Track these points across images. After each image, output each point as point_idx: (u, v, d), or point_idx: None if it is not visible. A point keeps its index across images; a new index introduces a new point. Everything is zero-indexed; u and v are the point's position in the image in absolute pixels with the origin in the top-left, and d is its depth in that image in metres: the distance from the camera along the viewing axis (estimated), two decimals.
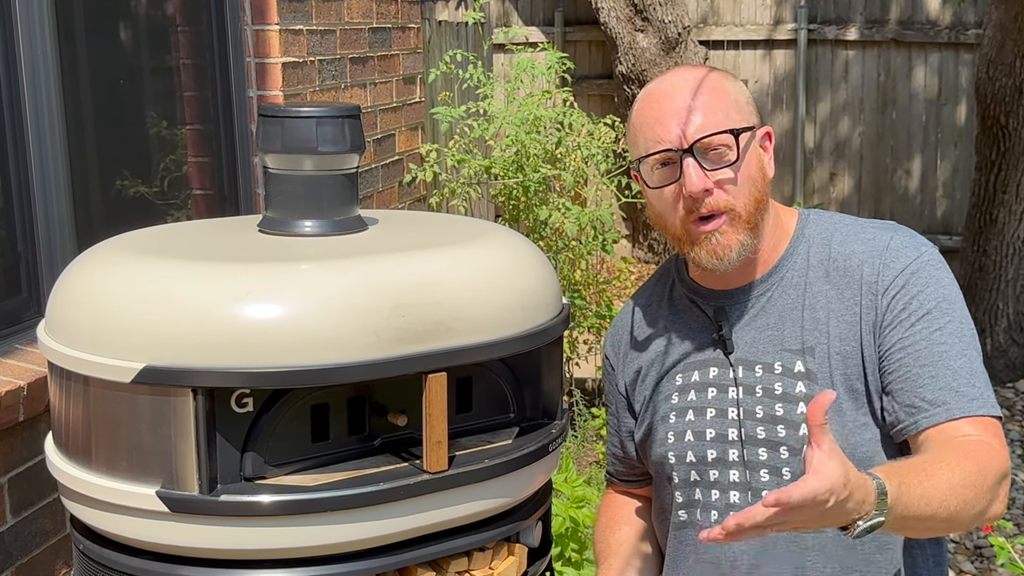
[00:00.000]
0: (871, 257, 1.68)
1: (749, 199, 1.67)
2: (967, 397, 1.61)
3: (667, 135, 1.65)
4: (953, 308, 1.65)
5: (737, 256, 1.67)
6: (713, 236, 1.66)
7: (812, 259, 1.72)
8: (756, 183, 1.68)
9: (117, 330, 1.37)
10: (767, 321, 1.72)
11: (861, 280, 1.67)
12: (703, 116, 1.65)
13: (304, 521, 1.37)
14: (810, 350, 1.67)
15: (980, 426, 1.60)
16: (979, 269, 5.71)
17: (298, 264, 1.43)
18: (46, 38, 2.70)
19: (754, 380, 1.70)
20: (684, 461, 1.76)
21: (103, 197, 3.08)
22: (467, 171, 4.75)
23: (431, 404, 1.40)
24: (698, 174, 1.64)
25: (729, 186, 1.65)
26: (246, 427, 1.38)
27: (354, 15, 4.12)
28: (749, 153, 1.67)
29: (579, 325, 4.75)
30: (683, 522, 1.77)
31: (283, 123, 1.53)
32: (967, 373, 1.62)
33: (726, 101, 1.67)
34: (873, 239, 1.70)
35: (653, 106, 1.69)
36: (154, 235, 1.64)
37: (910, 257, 1.67)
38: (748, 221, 1.67)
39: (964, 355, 1.63)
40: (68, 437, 1.46)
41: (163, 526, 1.38)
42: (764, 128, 1.72)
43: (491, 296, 1.47)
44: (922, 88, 7.39)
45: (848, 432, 1.64)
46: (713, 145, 1.64)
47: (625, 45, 7.14)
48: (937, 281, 1.66)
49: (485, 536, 1.50)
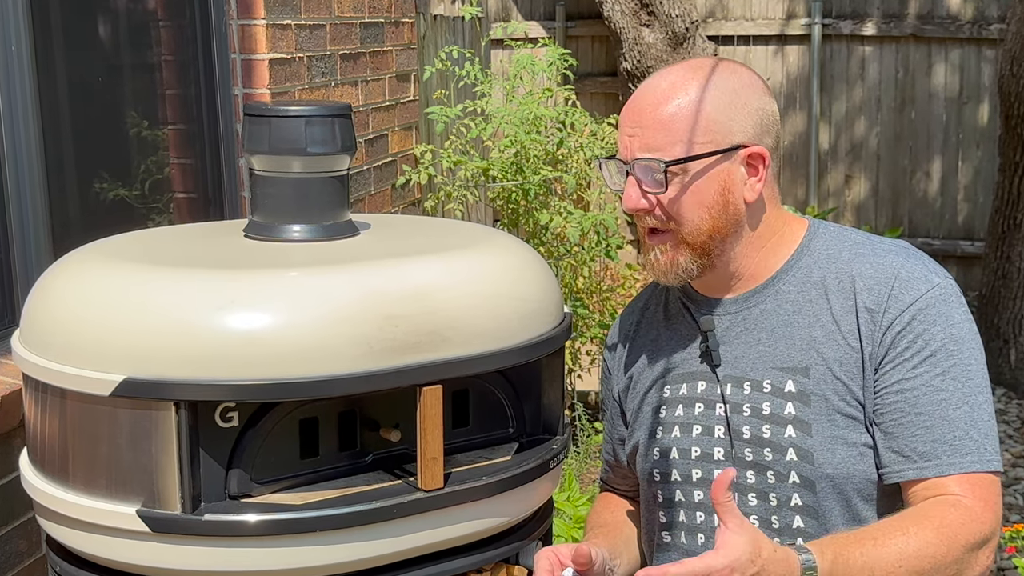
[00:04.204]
0: (878, 284, 1.66)
1: (697, 227, 1.66)
2: (961, 451, 1.60)
3: (622, 141, 1.69)
4: (960, 349, 1.63)
5: (676, 278, 1.69)
6: (654, 250, 1.69)
7: (814, 275, 1.70)
8: (712, 210, 1.65)
9: (95, 341, 1.37)
10: (759, 335, 1.71)
11: (866, 307, 1.65)
12: (650, 135, 1.65)
13: (292, 542, 1.37)
14: (804, 370, 1.66)
15: (968, 485, 1.59)
16: (1002, 276, 5.72)
17: (286, 271, 1.43)
18: (20, 32, 2.70)
19: (742, 398, 1.70)
20: (669, 479, 1.76)
21: (80, 200, 3.09)
22: (464, 173, 4.76)
23: (426, 418, 1.41)
24: (634, 192, 1.66)
25: (670, 209, 1.66)
26: (231, 443, 1.38)
27: (345, 9, 4.13)
28: (707, 178, 1.65)
29: (581, 335, 4.75)
30: (666, 544, 1.77)
31: (270, 123, 1.54)
32: (965, 424, 1.60)
33: (687, 121, 1.64)
34: (883, 264, 1.67)
35: (628, 107, 1.70)
36: (134, 241, 1.65)
37: (920, 291, 1.64)
38: (694, 248, 1.67)
39: (966, 402, 1.61)
40: (44, 453, 1.47)
41: (144, 547, 1.38)
42: (750, 149, 1.66)
43: (489, 305, 1.48)
44: (942, 86, 7.40)
45: (844, 460, 1.63)
46: (652, 168, 1.65)
47: (630, 40, 7.15)
48: (946, 319, 1.64)
49: (483, 557, 1.51)
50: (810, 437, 1.63)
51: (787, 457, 1.64)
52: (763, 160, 1.67)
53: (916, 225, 7.47)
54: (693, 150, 1.64)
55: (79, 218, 3.06)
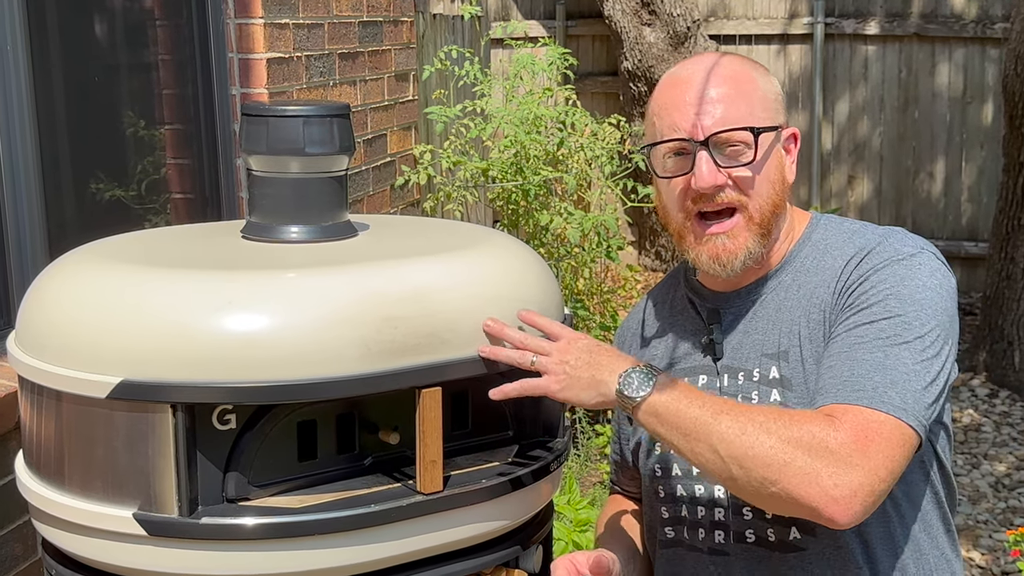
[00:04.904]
0: (854, 256, 1.66)
1: (765, 202, 1.67)
2: (853, 387, 1.52)
3: (683, 123, 1.66)
4: (902, 305, 1.58)
5: (742, 264, 1.67)
6: (719, 238, 1.66)
7: (808, 264, 1.72)
8: (775, 186, 1.68)
9: (91, 343, 1.37)
10: (756, 325, 1.73)
11: (841, 281, 1.65)
12: (724, 108, 1.65)
13: (290, 545, 1.37)
14: (784, 354, 1.67)
15: (851, 413, 1.49)
16: (1007, 277, 5.72)
17: (284, 272, 1.43)
18: (16, 31, 2.70)
19: (736, 388, 1.70)
20: (670, 475, 1.77)
21: (77, 201, 3.09)
22: (463, 174, 4.76)
23: (425, 421, 1.41)
24: (710, 169, 1.64)
25: (745, 185, 1.66)
26: (228, 445, 1.38)
27: (343, 8, 4.13)
28: (770, 154, 1.67)
29: None
30: (671, 540, 1.78)
31: (268, 123, 1.54)
32: (871, 367, 1.53)
33: (752, 95, 1.67)
34: (864, 242, 1.69)
35: (673, 90, 1.69)
36: (131, 241, 1.65)
37: (884, 257, 1.64)
38: (761, 225, 1.67)
39: (881, 351, 1.54)
40: (40, 456, 1.47)
41: (140, 550, 1.38)
42: (790, 129, 1.73)
43: (488, 307, 1.48)
44: (946, 86, 7.41)
45: None
46: (731, 141, 1.64)
47: (631, 40, 7.16)
48: (899, 279, 1.60)
49: (482, 561, 1.51)
50: None
51: None
52: (796, 141, 1.74)
53: (920, 226, 7.47)
54: (767, 121, 1.67)
55: (75, 219, 3.06)
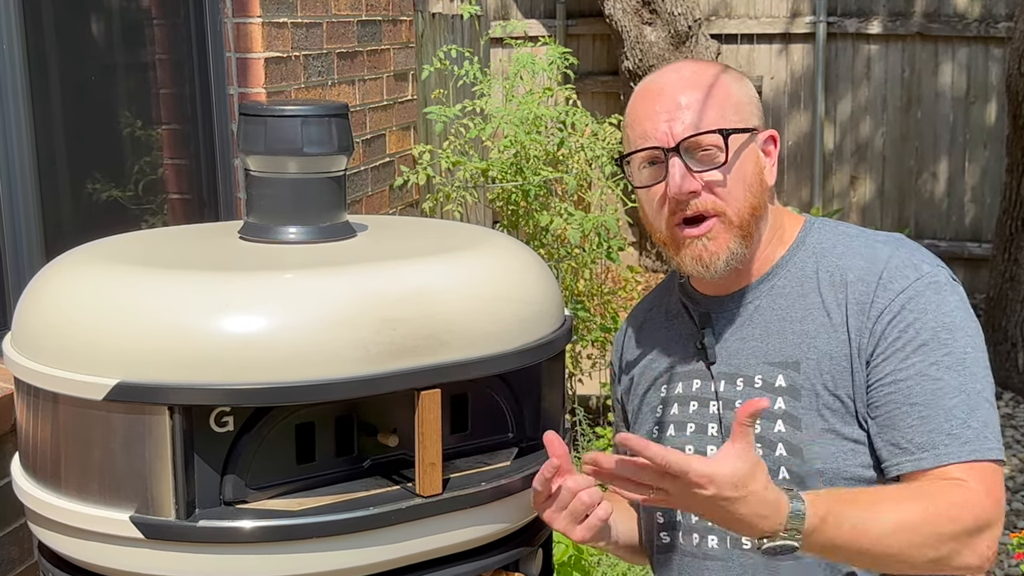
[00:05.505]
0: (867, 275, 1.66)
1: (743, 204, 1.67)
2: (959, 440, 1.58)
3: (654, 132, 1.67)
4: (954, 337, 1.62)
5: (725, 265, 1.68)
6: (699, 241, 1.67)
7: (807, 269, 1.72)
8: (752, 188, 1.68)
9: (88, 344, 1.37)
10: (752, 331, 1.73)
11: (856, 300, 1.66)
12: (693, 114, 1.66)
13: (288, 548, 1.37)
14: (795, 364, 1.67)
15: (973, 472, 1.57)
16: (1010, 279, 5.72)
17: (282, 273, 1.43)
18: (12, 30, 2.70)
19: (734, 394, 1.71)
20: None
21: (73, 201, 3.09)
22: (463, 174, 4.76)
23: (424, 423, 1.41)
24: (682, 174, 1.65)
25: (719, 189, 1.66)
26: (226, 448, 1.38)
27: (342, 7, 4.13)
28: (744, 156, 1.68)
29: (582, 339, 4.75)
30: (666, 545, 1.78)
31: (266, 123, 1.54)
32: (963, 412, 1.59)
33: (723, 99, 1.68)
34: (872, 254, 1.69)
35: (644, 100, 1.71)
36: (128, 242, 1.65)
37: (908, 279, 1.64)
38: (740, 227, 1.68)
39: (962, 391, 1.59)
40: (36, 458, 1.47)
41: (137, 553, 1.38)
42: (767, 132, 1.73)
43: (488, 308, 1.48)
44: (949, 85, 7.41)
45: (834, 455, 1.63)
46: (702, 145, 1.65)
47: (632, 39, 7.16)
48: (937, 307, 1.63)
49: (482, 564, 1.51)
50: (799, 432, 1.64)
51: (776, 452, 1.65)
52: (775, 143, 1.74)
53: (922, 227, 7.47)
54: (739, 124, 1.68)
55: (72, 220, 3.06)
